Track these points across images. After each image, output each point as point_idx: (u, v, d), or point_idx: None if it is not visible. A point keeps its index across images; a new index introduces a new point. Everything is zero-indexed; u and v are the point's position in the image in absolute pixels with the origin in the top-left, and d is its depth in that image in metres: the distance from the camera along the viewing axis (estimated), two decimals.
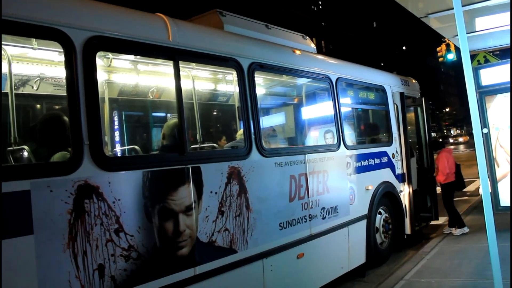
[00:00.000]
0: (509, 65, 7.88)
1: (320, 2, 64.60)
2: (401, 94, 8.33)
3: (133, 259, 3.47)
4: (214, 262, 4.14)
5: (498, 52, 12.85)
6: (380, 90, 7.83)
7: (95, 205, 3.26)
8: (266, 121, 7.14)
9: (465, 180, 8.92)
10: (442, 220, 8.73)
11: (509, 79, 7.87)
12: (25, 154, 3.60)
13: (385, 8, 69.84)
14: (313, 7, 63.22)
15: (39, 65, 4.57)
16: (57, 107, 5.54)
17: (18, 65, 4.34)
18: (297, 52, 5.93)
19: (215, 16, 5.39)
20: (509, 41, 9.00)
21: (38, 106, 5.35)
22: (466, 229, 8.36)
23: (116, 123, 6.10)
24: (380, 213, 7.21)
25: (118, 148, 6.10)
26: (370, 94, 7.81)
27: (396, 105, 8.18)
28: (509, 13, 6.96)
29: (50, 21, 3.18)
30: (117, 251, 3.37)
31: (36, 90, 4.85)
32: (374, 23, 79.48)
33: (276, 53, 5.54)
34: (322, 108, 7.07)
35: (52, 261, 2.99)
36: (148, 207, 3.63)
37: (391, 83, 8.15)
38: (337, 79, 6.44)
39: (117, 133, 6.10)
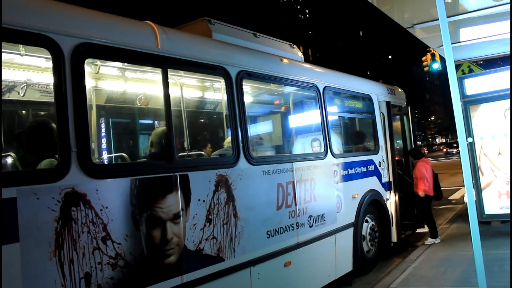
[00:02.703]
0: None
1: (307, 11, 65.09)
2: (388, 103, 8.41)
3: (120, 267, 3.45)
4: (201, 270, 4.12)
5: (482, 62, 13.10)
6: (366, 99, 7.90)
7: (82, 213, 3.23)
8: (254, 129, 7.17)
9: (450, 188, 9.00)
10: (428, 228, 8.78)
11: (493, 89, 8.05)
12: (12, 161, 3.57)
13: (371, 18, 70.62)
14: (300, 15, 63.67)
15: (26, 71, 4.52)
16: (43, 113, 5.49)
17: (4, 71, 4.29)
18: (285, 60, 5.97)
19: (204, 24, 5.41)
20: (492, 52, 9.20)
21: (25, 112, 5.30)
22: (437, 240, 8.43)
23: (103, 130, 6.06)
24: (366, 221, 7.25)
25: (105, 156, 6.06)
26: (357, 103, 7.88)
27: (383, 113, 8.26)
28: (491, 24, 7.12)
29: (39, 27, 3.17)
30: (104, 259, 3.35)
31: (23, 96, 4.81)
32: (361, 32, 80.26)
33: (264, 61, 5.57)
34: (309, 117, 7.11)
35: (38, 270, 2.95)
36: (136, 215, 3.61)
37: (377, 92, 8.22)
38: (324, 87, 6.49)
39: (104, 140, 6.07)
